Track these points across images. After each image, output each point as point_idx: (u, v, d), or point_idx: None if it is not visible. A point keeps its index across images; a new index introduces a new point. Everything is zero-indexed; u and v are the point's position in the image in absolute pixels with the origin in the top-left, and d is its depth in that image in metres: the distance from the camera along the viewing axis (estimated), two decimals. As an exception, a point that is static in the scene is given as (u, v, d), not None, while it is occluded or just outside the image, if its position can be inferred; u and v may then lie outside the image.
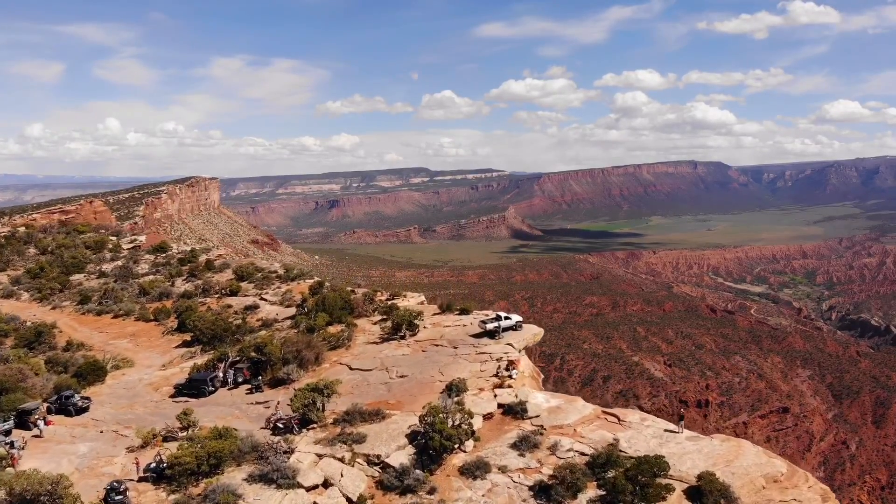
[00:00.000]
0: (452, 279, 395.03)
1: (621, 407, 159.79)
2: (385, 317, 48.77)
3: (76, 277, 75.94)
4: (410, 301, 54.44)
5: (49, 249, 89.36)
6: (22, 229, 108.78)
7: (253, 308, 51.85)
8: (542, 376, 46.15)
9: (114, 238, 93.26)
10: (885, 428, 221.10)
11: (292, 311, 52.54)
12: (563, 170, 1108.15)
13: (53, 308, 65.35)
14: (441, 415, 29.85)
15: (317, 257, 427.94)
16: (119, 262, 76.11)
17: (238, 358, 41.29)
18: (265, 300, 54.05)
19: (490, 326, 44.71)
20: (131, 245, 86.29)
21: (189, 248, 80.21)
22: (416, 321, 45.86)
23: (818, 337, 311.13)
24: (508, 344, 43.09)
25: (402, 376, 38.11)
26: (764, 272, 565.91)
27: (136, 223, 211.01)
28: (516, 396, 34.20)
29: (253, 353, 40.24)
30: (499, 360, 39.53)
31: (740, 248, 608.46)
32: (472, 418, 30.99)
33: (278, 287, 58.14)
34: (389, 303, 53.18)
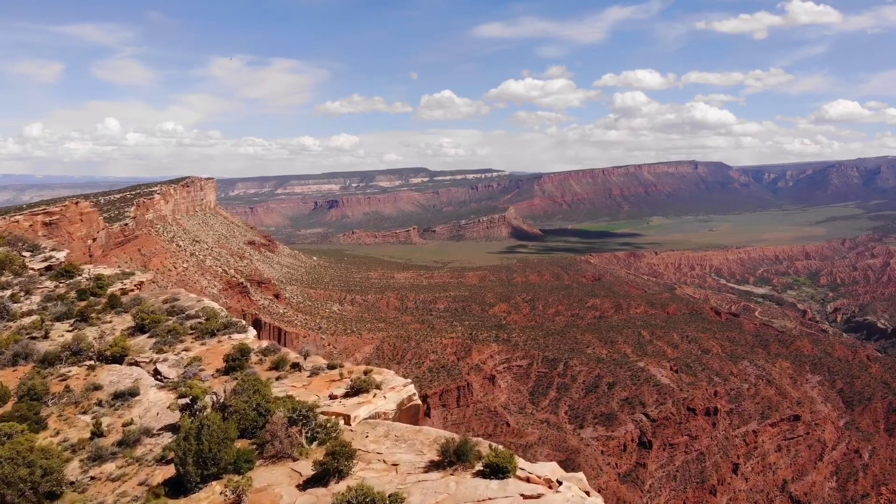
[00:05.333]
0: (452, 280, 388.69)
1: (627, 415, 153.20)
2: (325, 461, 20.72)
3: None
4: (388, 398, 27.93)
5: None
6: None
7: (128, 396, 30.40)
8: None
9: (28, 254, 70.55)
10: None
11: (182, 409, 27.72)
12: (563, 170, 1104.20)
13: None
14: None
15: (315, 258, 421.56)
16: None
17: None
18: (159, 375, 32.94)
19: None
20: (44, 264, 63.61)
21: (96, 274, 57.23)
22: None
23: (826, 341, 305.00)
24: None
25: None
26: (767, 273, 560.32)
27: (126, 224, 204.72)
28: None
29: None
30: None
31: (742, 249, 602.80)
32: None
33: (187, 348, 36.83)
34: (341, 418, 25.30)
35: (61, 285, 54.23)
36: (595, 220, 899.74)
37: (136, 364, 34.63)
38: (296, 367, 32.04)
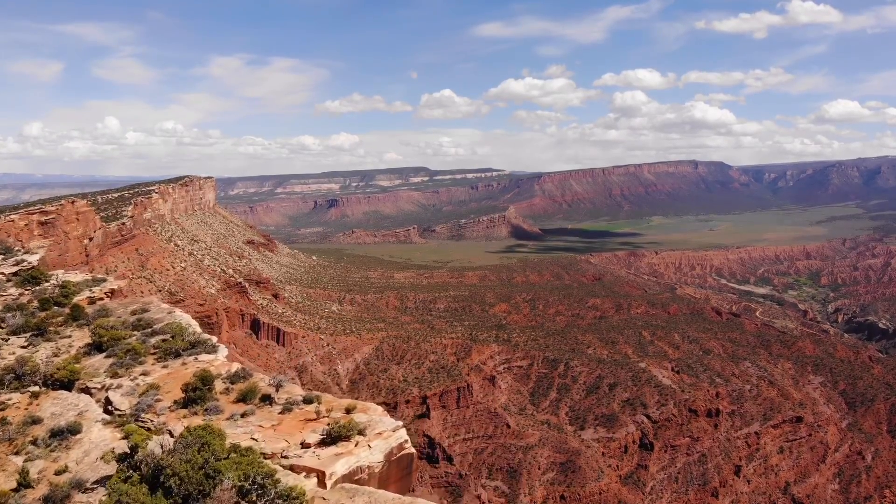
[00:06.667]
0: (452, 280, 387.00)
1: (629, 416, 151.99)
2: None
3: None
4: (374, 446, 22.69)
5: None
6: None
7: (68, 434, 25.17)
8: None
9: None
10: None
11: (119, 459, 22.49)
12: (563, 169, 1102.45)
13: None
14: None
15: (314, 258, 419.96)
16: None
17: None
18: (110, 405, 28.14)
19: None
20: (15, 269, 56.62)
21: (62, 281, 51.10)
22: None
23: (827, 341, 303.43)
24: None
25: None
26: (767, 273, 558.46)
27: (123, 224, 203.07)
28: None
29: None
30: None
31: (743, 249, 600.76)
32: None
33: (146, 371, 31.87)
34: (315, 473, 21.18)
35: (26, 293, 48.92)
36: (595, 219, 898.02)
37: (87, 391, 30.01)
38: (267, 399, 27.40)
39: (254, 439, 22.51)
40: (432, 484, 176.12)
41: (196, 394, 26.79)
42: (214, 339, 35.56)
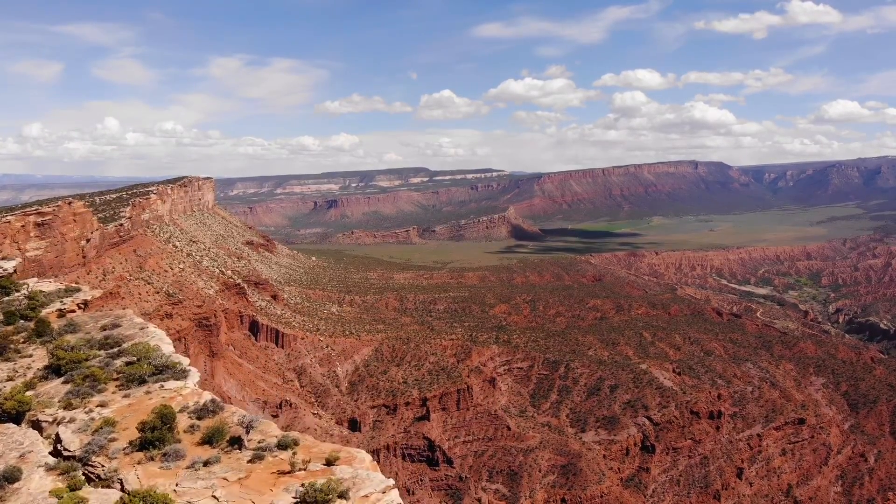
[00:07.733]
0: (452, 281, 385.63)
1: (630, 418, 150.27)
2: None
3: None
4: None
5: None
6: None
7: (5, 482, 21.62)
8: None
9: None
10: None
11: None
12: (563, 170, 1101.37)
13: None
14: None
15: (314, 258, 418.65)
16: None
17: None
18: (60, 444, 24.37)
19: None
20: None
21: (32, 291, 46.76)
22: None
23: (829, 342, 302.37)
24: None
25: None
26: (768, 273, 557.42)
27: (121, 225, 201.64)
28: None
29: None
30: None
31: (743, 249, 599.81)
32: None
33: (103, 402, 28.18)
34: None
35: (-6, 303, 45.55)
36: (595, 220, 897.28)
37: (38, 424, 26.61)
38: (236, 442, 23.67)
39: (215, 497, 19.49)
40: (432, 487, 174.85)
41: (154, 434, 23.23)
42: (186, 361, 32.20)
